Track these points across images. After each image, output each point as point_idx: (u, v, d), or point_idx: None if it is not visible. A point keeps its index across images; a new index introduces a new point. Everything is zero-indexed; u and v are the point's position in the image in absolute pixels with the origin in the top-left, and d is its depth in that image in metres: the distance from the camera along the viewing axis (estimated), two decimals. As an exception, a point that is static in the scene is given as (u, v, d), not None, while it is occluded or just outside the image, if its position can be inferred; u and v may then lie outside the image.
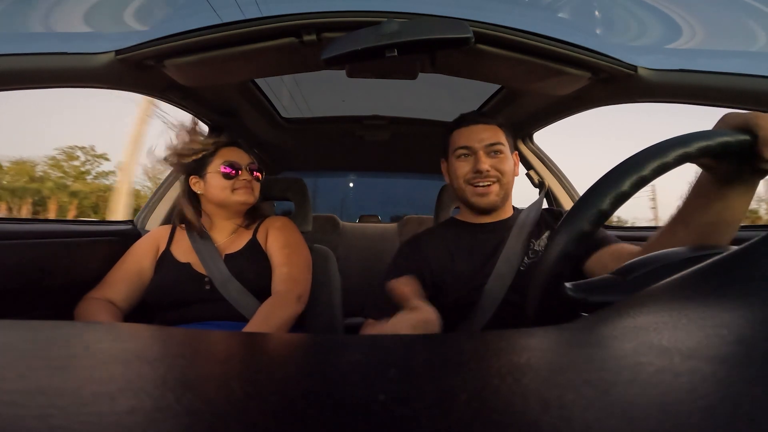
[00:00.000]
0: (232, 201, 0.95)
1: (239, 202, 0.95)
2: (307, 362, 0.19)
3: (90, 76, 0.85)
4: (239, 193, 0.95)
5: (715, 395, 0.13)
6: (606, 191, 0.34)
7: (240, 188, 0.95)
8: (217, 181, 0.94)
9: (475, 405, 0.13)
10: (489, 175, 0.81)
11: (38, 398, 0.13)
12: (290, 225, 1.03)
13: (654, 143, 0.36)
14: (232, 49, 0.84)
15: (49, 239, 0.87)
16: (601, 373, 0.15)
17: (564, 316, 0.35)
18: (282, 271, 0.91)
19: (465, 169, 0.83)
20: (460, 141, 0.85)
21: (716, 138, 0.36)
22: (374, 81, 1.06)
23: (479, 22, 0.79)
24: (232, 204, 0.96)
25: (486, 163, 0.81)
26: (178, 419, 0.12)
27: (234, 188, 0.95)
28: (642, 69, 0.86)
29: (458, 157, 0.85)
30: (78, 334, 0.22)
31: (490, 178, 0.82)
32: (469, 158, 0.84)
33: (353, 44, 0.73)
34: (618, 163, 0.36)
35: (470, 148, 0.83)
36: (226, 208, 0.97)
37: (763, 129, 0.37)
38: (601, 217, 0.34)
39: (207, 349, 0.21)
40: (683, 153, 0.34)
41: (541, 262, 0.37)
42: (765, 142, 0.37)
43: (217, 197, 0.95)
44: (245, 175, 0.96)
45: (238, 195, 0.95)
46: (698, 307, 0.21)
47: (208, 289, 0.88)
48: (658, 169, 0.34)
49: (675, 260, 0.34)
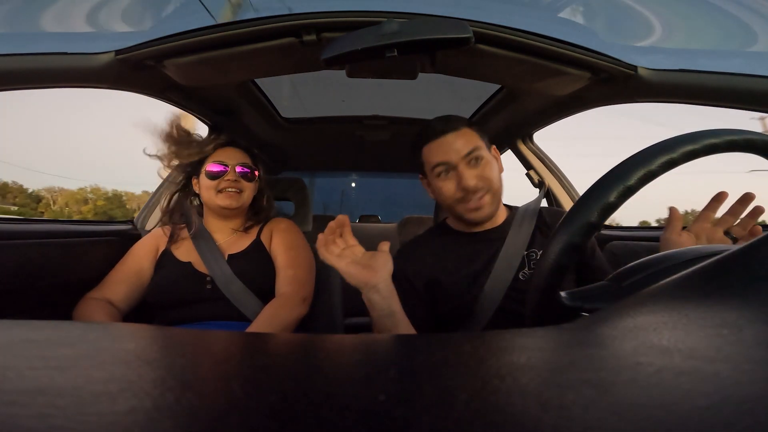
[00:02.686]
0: (213, 203, 0.93)
1: (220, 206, 0.93)
2: (307, 362, 0.19)
3: (90, 76, 0.85)
4: (221, 197, 0.92)
5: (715, 395, 0.13)
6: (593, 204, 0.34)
7: (224, 190, 0.92)
8: (204, 181, 0.94)
9: (475, 405, 0.13)
10: (478, 188, 0.75)
11: (38, 398, 0.13)
12: (294, 227, 1.03)
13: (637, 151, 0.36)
14: (232, 49, 0.84)
15: (49, 239, 0.87)
16: (601, 373, 0.15)
17: (564, 316, 0.35)
18: (287, 273, 0.90)
19: (450, 189, 0.77)
20: (435, 157, 0.78)
21: (701, 141, 0.36)
22: (374, 81, 1.06)
23: (479, 22, 0.79)
24: (213, 207, 0.94)
25: (471, 178, 0.74)
26: (178, 419, 0.12)
27: (218, 190, 0.92)
28: (642, 69, 0.86)
29: (438, 176, 0.78)
30: (78, 334, 0.22)
31: (480, 191, 0.76)
32: (450, 174, 0.77)
33: (353, 44, 0.73)
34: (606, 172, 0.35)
35: (448, 164, 0.76)
36: (213, 210, 0.96)
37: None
38: (591, 229, 0.34)
39: (207, 349, 0.21)
40: (668, 159, 0.34)
41: (535, 273, 0.37)
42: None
43: (204, 197, 0.95)
44: (231, 176, 0.93)
45: (220, 198, 0.92)
46: (698, 307, 0.21)
47: (209, 289, 0.88)
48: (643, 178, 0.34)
49: (671, 264, 0.33)
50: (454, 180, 0.77)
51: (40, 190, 33.04)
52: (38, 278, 0.83)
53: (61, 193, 35.52)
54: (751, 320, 0.19)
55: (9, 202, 31.83)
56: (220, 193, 0.93)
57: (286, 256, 0.93)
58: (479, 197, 0.76)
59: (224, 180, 0.93)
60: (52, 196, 32.99)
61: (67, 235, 0.92)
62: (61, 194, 35.33)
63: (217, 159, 0.94)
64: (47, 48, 0.79)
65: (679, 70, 0.84)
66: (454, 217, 0.86)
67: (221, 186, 0.93)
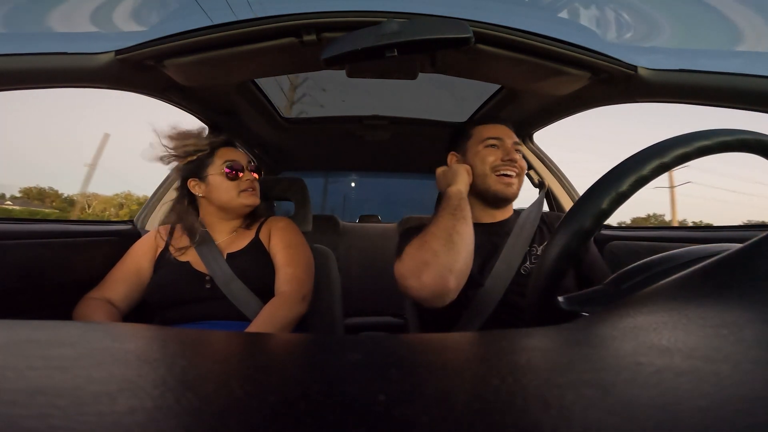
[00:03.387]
0: (236, 204, 0.95)
1: (244, 205, 0.95)
2: (307, 362, 0.19)
3: (90, 76, 0.85)
4: (245, 196, 0.95)
5: (715, 395, 0.13)
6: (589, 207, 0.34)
7: (245, 190, 0.95)
8: (221, 182, 0.94)
9: (476, 405, 0.13)
10: (516, 165, 0.85)
11: (38, 398, 0.13)
12: (293, 225, 1.03)
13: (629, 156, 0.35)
14: (232, 49, 0.84)
15: (49, 239, 0.87)
16: (601, 373, 0.15)
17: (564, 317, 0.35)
18: (286, 272, 0.91)
19: (493, 157, 0.85)
20: (489, 133, 0.88)
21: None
22: (374, 81, 1.06)
23: (479, 22, 0.79)
24: (236, 207, 0.95)
25: (515, 154, 0.85)
26: (178, 419, 0.12)
27: (240, 190, 0.95)
28: (642, 69, 0.86)
29: (487, 147, 0.87)
30: (78, 334, 0.22)
31: (517, 169, 0.85)
32: (498, 149, 0.86)
33: (353, 44, 0.73)
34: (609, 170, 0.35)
35: (501, 140, 0.86)
36: (230, 210, 0.97)
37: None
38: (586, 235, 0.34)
39: (207, 349, 0.21)
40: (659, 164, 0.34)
41: (532, 278, 0.37)
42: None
43: (221, 199, 0.95)
44: (248, 176, 0.96)
45: (244, 198, 0.95)
46: (698, 307, 0.21)
47: (208, 288, 0.88)
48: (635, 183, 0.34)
49: (670, 266, 0.33)
50: (501, 151, 0.86)
51: (73, 195, 35.09)
52: (38, 278, 0.83)
53: (94, 197, 37.47)
54: (751, 320, 0.19)
55: (48, 205, 33.91)
56: (242, 193, 0.95)
57: (285, 255, 0.93)
58: (513, 175, 0.85)
59: (243, 181, 0.95)
60: (86, 201, 34.70)
61: (67, 235, 0.92)
62: (96, 199, 37.25)
63: (230, 159, 0.95)
64: (47, 48, 0.79)
65: (679, 70, 0.84)
66: (478, 194, 0.90)
67: (242, 186, 0.95)
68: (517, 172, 0.85)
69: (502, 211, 0.89)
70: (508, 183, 0.85)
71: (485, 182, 0.87)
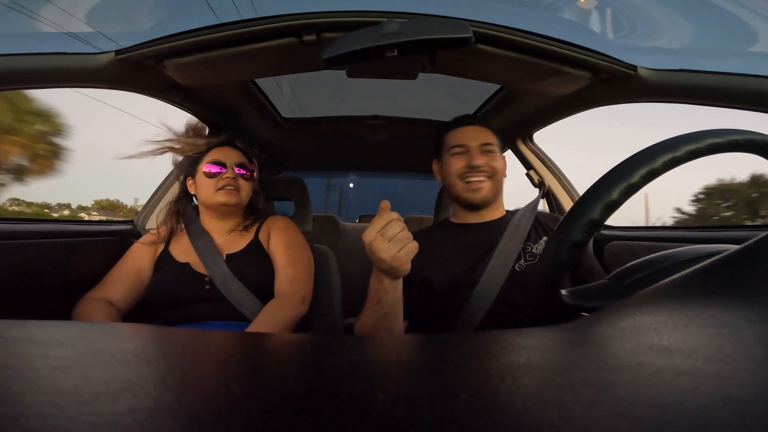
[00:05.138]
0: (213, 201, 0.93)
1: (220, 203, 0.93)
2: (307, 362, 0.19)
3: (90, 76, 0.85)
4: (221, 194, 0.92)
5: (715, 395, 0.13)
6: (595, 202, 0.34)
7: (222, 188, 0.93)
8: (201, 180, 0.94)
9: (476, 405, 0.13)
10: (482, 170, 0.86)
11: (38, 398, 0.13)
12: (292, 225, 1.02)
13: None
14: (232, 49, 0.84)
15: (49, 239, 0.87)
16: (601, 373, 0.15)
17: (564, 316, 0.35)
18: (286, 273, 0.90)
19: (459, 165, 0.87)
20: (455, 140, 0.90)
21: (704, 140, 0.35)
22: (374, 81, 1.06)
23: (479, 22, 0.79)
24: (213, 204, 0.94)
25: (480, 160, 0.85)
26: (178, 419, 0.12)
27: (217, 188, 0.93)
28: (642, 69, 0.86)
29: (453, 155, 0.89)
30: (78, 334, 0.22)
31: (484, 173, 0.86)
32: (463, 155, 0.88)
33: (353, 44, 0.73)
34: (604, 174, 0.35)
35: (465, 146, 0.88)
36: (211, 208, 0.96)
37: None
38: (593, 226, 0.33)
39: (207, 349, 0.21)
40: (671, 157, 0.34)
41: (537, 271, 0.37)
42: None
43: (201, 196, 0.95)
44: (229, 173, 0.93)
45: (220, 195, 0.92)
46: (698, 307, 0.21)
47: (208, 289, 0.88)
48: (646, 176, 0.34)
49: (671, 263, 0.33)
50: (464, 159, 0.87)
51: (136, 206, 37.59)
52: (38, 278, 0.83)
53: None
54: (751, 320, 0.19)
55: (119, 215, 36.23)
56: (220, 191, 0.93)
57: (284, 255, 0.93)
58: (480, 180, 0.86)
59: (222, 178, 0.93)
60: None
61: (67, 235, 0.92)
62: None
63: (214, 159, 0.94)
64: (47, 48, 0.79)
65: (679, 70, 0.84)
66: (454, 200, 0.93)
67: (220, 184, 0.93)
68: (486, 175, 0.86)
69: (490, 212, 0.90)
70: (476, 188, 0.86)
71: (455, 190, 0.89)
